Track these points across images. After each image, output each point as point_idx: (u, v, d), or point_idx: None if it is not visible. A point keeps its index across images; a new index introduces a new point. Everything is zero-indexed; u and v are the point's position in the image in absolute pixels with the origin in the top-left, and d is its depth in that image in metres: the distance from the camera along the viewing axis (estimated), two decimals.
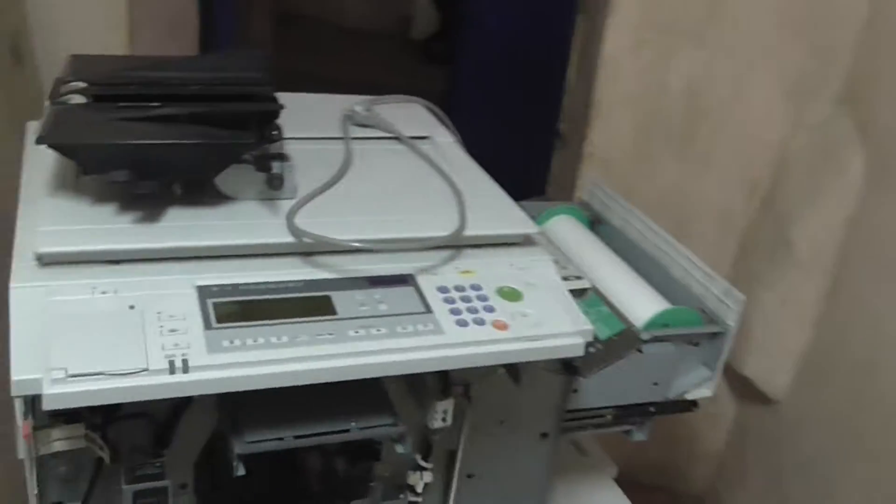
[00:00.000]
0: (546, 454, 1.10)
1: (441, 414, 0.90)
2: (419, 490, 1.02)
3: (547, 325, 0.85)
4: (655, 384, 1.12)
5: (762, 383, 1.62)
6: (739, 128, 1.65)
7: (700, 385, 1.17)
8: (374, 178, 1.03)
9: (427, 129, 1.20)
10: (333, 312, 0.81)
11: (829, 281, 1.47)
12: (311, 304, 0.81)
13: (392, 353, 0.78)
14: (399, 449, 0.90)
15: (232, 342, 0.75)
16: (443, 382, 0.96)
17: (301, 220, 0.87)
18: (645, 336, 1.09)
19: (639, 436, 1.18)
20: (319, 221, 0.87)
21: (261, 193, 0.92)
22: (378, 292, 0.84)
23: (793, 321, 1.53)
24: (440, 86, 3.22)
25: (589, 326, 0.88)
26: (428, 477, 1.02)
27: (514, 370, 0.95)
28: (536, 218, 1.38)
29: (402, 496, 1.03)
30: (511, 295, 0.88)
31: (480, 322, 0.83)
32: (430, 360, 0.79)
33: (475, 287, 0.88)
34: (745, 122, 1.64)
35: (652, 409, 1.15)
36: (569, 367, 1.03)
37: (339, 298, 0.82)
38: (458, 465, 1.03)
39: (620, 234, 1.35)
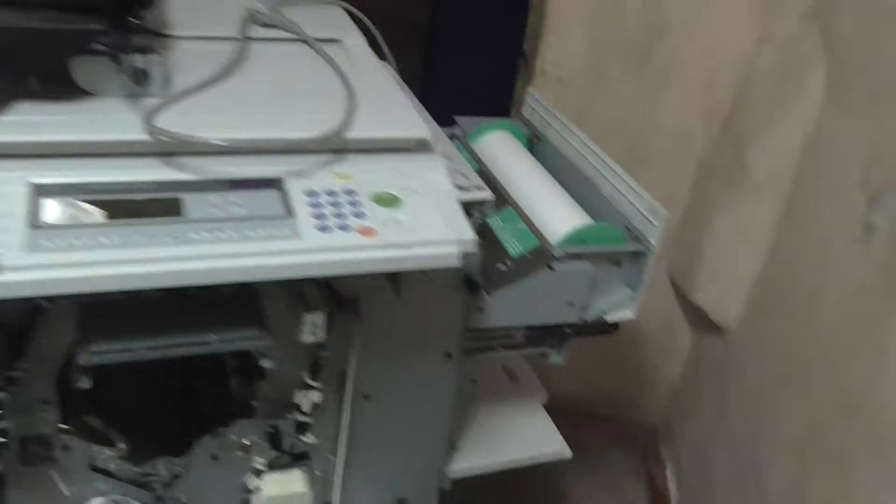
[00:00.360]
0: (451, 376, 1.05)
1: (311, 328, 0.85)
2: (305, 409, 0.97)
3: (420, 232, 0.79)
4: (570, 304, 1.06)
5: (713, 312, 1.56)
6: (700, 45, 1.55)
7: (622, 307, 1.11)
8: (264, 79, 0.95)
9: (339, 32, 1.12)
10: (179, 215, 0.74)
11: (784, 206, 1.39)
12: (155, 206, 0.75)
13: (236, 257, 0.72)
14: (266, 364, 0.85)
15: (56, 242, 0.69)
16: (327, 295, 0.90)
17: (166, 119, 0.80)
18: (558, 253, 1.02)
19: (556, 359, 1.13)
20: (187, 120, 0.80)
21: (126, 90, 0.85)
22: (237, 196, 0.78)
23: (746, 248, 1.46)
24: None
25: (470, 236, 0.82)
26: (316, 396, 0.97)
27: (395, 281, 0.89)
28: (471, 133, 1.31)
29: (288, 416, 0.98)
30: (387, 201, 0.81)
31: (345, 228, 0.77)
32: (281, 267, 0.73)
33: (349, 192, 0.81)
34: (707, 39, 1.54)
35: (568, 330, 1.09)
36: (471, 284, 0.97)
37: (190, 201, 0.76)
38: (349, 385, 0.98)
39: (556, 151, 1.28)
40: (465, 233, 0.81)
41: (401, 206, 0.81)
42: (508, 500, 1.73)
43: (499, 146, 1.27)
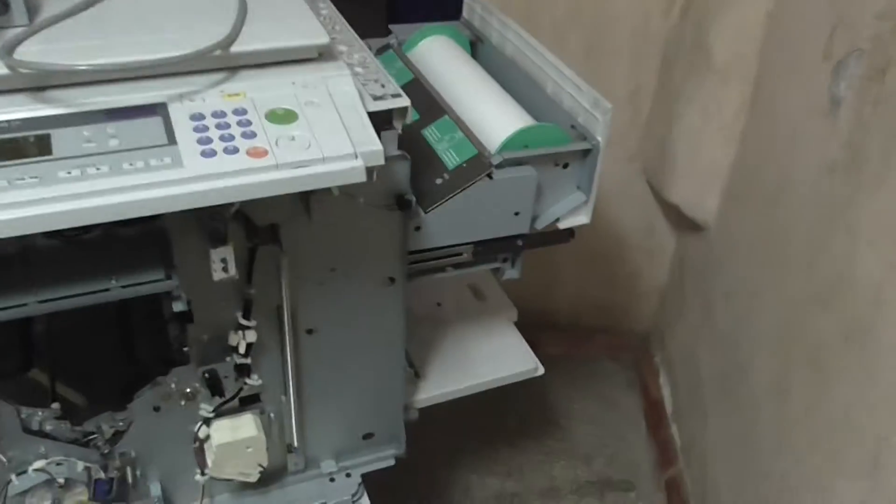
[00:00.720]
0: (396, 301, 0.99)
1: (220, 264, 0.79)
2: (242, 351, 0.92)
3: (318, 148, 0.72)
4: (517, 214, 0.99)
5: (689, 209, 1.49)
6: None
7: (575, 212, 1.04)
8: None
9: None
10: (48, 153, 0.68)
11: (751, 89, 1.31)
12: (21, 146, 0.68)
13: (109, 194, 0.66)
14: (178, 307, 0.79)
15: None
16: (243, 227, 0.84)
17: (30, 50, 0.73)
18: (495, 160, 0.95)
19: (511, 273, 1.07)
20: (54, 49, 0.73)
21: None
22: (114, 126, 0.71)
23: (715, 137, 1.38)
24: None
25: (375, 147, 0.74)
26: (251, 336, 0.92)
27: (306, 205, 0.83)
28: (407, 41, 1.23)
29: (227, 359, 0.93)
30: (282, 117, 0.74)
31: (232, 151, 0.70)
32: (159, 200, 0.66)
33: (239, 111, 0.74)
34: None
35: (519, 242, 1.03)
36: (401, 202, 0.90)
37: (61, 137, 0.69)
38: (287, 321, 0.93)
39: (499, 53, 1.19)
40: (371, 144, 0.74)
41: (297, 122, 0.74)
42: (500, 417, 1.70)
43: (437, 53, 1.19)
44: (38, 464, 0.92)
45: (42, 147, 0.68)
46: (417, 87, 1.10)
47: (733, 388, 1.34)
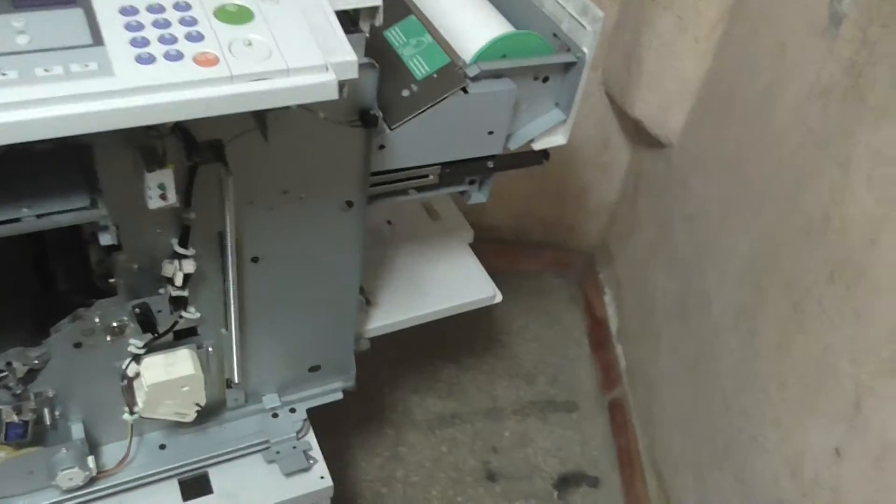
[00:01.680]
0: (354, 227, 0.88)
1: (156, 190, 0.66)
2: (178, 283, 0.80)
3: (280, 57, 0.59)
4: (491, 133, 0.89)
5: (653, 125, 1.40)
6: None
7: (551, 131, 0.94)
8: None
9: None
10: None
11: None
12: None
13: (20, 108, 0.52)
14: (106, 240, 0.67)
15: None
16: (182, 143, 0.71)
17: None
18: (471, 71, 0.84)
19: (478, 197, 0.97)
20: None
21: None
22: (24, 18, 0.57)
23: (689, 47, 1.28)
24: None
25: (350, 56, 0.62)
26: (189, 266, 0.80)
27: (261, 122, 0.71)
28: None
29: (161, 291, 0.82)
30: (235, 16, 0.61)
31: (175, 56, 0.57)
32: (88, 117, 0.53)
33: (181, 6, 0.60)
34: None
35: (490, 164, 0.93)
36: (366, 117, 0.78)
37: None
38: (229, 249, 0.81)
39: None
40: (343, 53, 0.62)
41: (252, 23, 0.61)
42: (441, 332, 1.62)
43: None
44: None
45: None
46: None
47: (690, 314, 1.29)
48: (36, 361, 0.83)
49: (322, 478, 0.98)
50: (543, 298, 1.78)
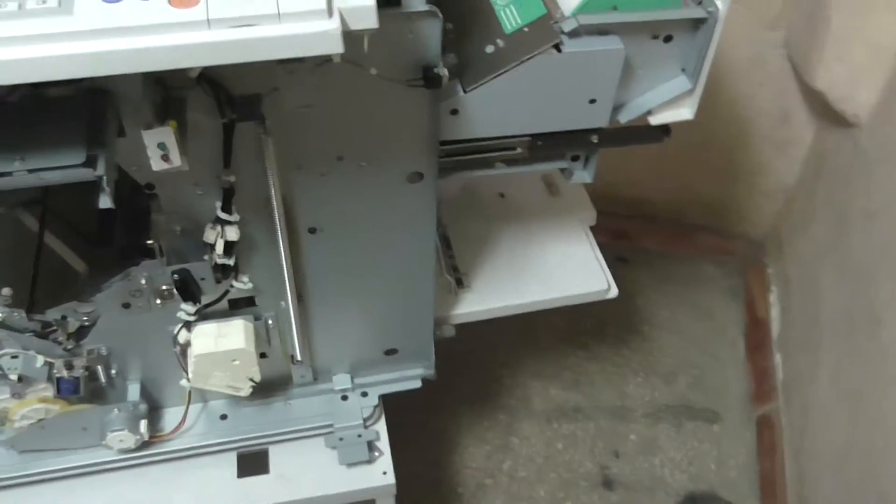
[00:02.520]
0: (424, 201, 0.77)
1: (156, 150, 0.58)
2: (219, 251, 0.73)
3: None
4: (593, 101, 0.74)
5: (838, 99, 1.17)
6: None
7: (674, 102, 0.77)
8: None
9: None
10: None
11: None
12: None
13: None
14: (103, 202, 0.60)
15: None
16: (213, 93, 0.62)
17: None
18: (568, 25, 0.69)
19: (581, 176, 0.82)
20: None
21: None
22: None
23: (888, 10, 1.04)
24: None
25: (367, 2, 0.50)
26: (232, 233, 0.72)
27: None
28: None
29: (205, 257, 0.75)
30: None
31: None
32: (39, 63, 0.46)
33: None
34: None
35: (594, 138, 0.78)
36: (430, 77, 0.66)
37: None
38: (278, 217, 0.73)
39: None
40: None
41: None
42: (575, 313, 1.48)
43: None
44: None
45: None
46: None
47: (858, 332, 1.07)
48: (85, 318, 0.80)
49: (385, 473, 0.90)
50: (696, 288, 1.58)
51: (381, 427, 0.92)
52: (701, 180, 1.53)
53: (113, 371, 0.85)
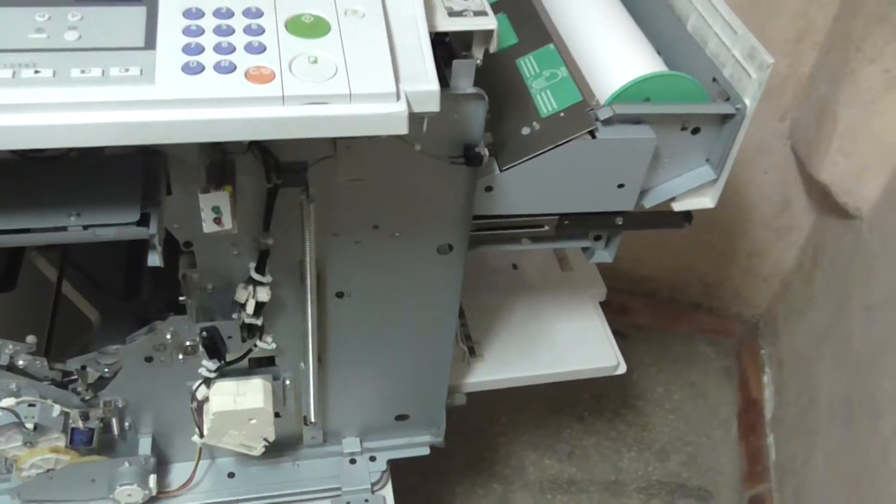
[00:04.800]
0: (452, 272, 0.79)
1: (210, 213, 0.60)
2: (250, 311, 0.74)
3: (344, 79, 0.51)
4: (621, 186, 0.76)
5: (842, 192, 1.21)
6: None
7: (698, 191, 0.80)
8: None
9: None
10: None
11: None
12: None
13: (41, 111, 0.47)
14: (152, 260, 0.61)
15: None
16: (262, 159, 0.64)
17: None
18: (604, 113, 0.72)
19: (602, 256, 0.85)
20: None
21: None
22: (81, 12, 0.52)
23: (894, 107, 1.09)
24: None
25: (432, 87, 0.53)
26: (263, 294, 0.73)
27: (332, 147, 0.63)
28: None
29: (234, 316, 0.76)
30: (309, 28, 0.53)
31: (227, 68, 0.50)
32: (111, 128, 0.47)
33: (252, 13, 0.53)
34: None
35: (619, 220, 0.80)
36: (471, 156, 0.69)
37: (4, 19, 0.51)
38: (310, 280, 0.74)
39: None
40: (423, 81, 0.53)
41: (326, 36, 0.53)
42: (573, 386, 1.49)
43: None
44: (6, 402, 0.78)
45: None
46: (521, 3, 0.87)
47: (857, 421, 1.09)
48: (107, 370, 0.80)
49: None
50: (691, 366, 1.60)
51: (388, 493, 0.92)
52: (701, 260, 1.56)
53: (127, 423, 0.84)
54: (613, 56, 0.79)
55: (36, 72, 0.48)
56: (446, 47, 0.65)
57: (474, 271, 1.06)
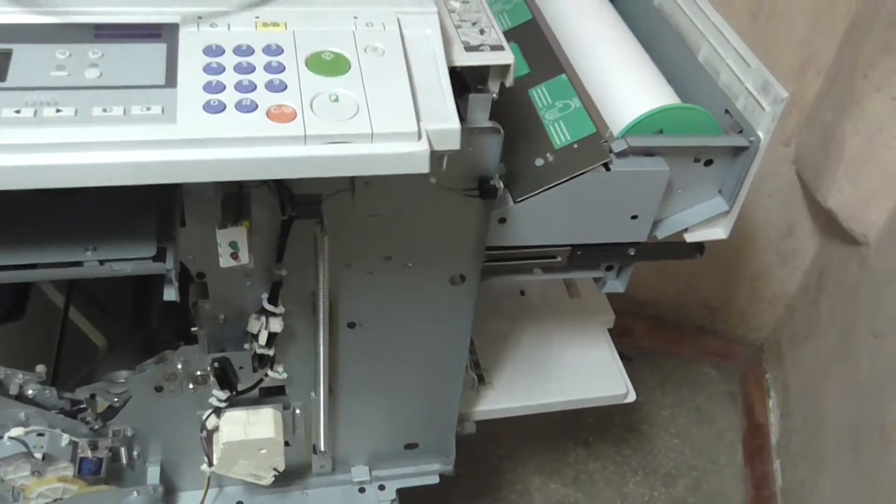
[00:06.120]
0: (464, 302, 0.79)
1: (227, 248, 0.59)
2: (262, 342, 0.73)
3: (366, 118, 0.51)
4: (634, 217, 0.76)
5: (848, 219, 1.21)
6: None
7: (710, 222, 0.80)
8: None
9: None
10: (1, 78, 0.49)
11: None
12: None
13: (63, 150, 0.47)
14: (168, 294, 0.61)
15: None
16: (277, 192, 0.64)
17: None
18: (617, 146, 0.72)
19: (614, 286, 0.84)
20: None
21: None
22: (101, 49, 0.52)
23: None
24: None
25: (453, 125, 0.53)
26: (276, 325, 0.73)
27: (350, 183, 0.63)
28: None
29: (245, 346, 0.75)
30: (329, 65, 0.53)
31: (248, 107, 0.50)
32: (133, 168, 0.47)
33: (272, 50, 0.53)
34: None
35: (632, 251, 0.80)
36: (486, 189, 0.69)
37: (25, 57, 0.50)
38: (323, 311, 0.74)
39: (645, 1, 0.93)
40: (445, 120, 0.53)
41: (347, 74, 0.53)
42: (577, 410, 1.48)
43: None
44: (15, 432, 0.77)
45: None
46: (534, 32, 0.87)
47: (865, 449, 1.09)
48: (116, 399, 0.80)
49: None
50: (696, 391, 1.59)
51: None
52: (705, 283, 1.56)
53: (135, 452, 0.84)
54: (626, 87, 0.80)
55: (58, 110, 0.48)
56: (457, 76, 0.65)
57: (481, 297, 1.06)
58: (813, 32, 1.23)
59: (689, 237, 0.80)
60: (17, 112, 0.47)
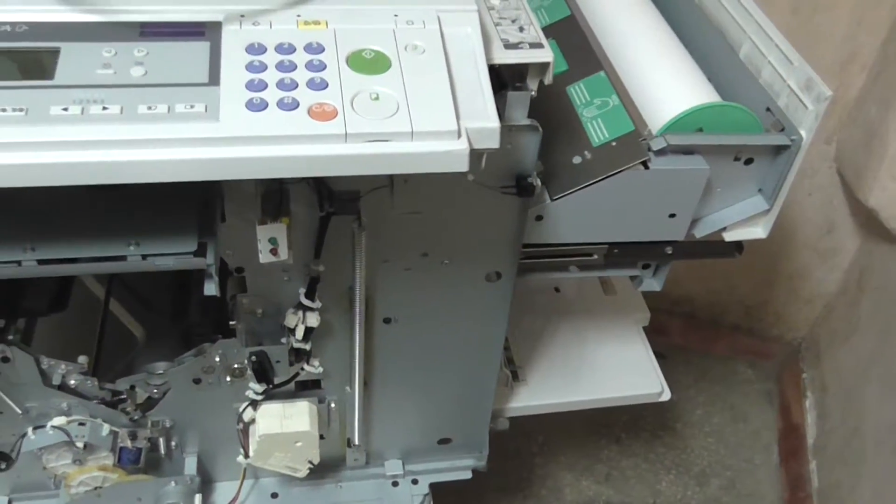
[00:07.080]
0: (500, 299, 0.79)
1: (266, 244, 0.60)
2: (299, 336, 0.74)
3: (406, 116, 0.51)
4: (672, 216, 0.76)
5: (890, 218, 1.19)
6: None
7: (749, 221, 0.79)
8: None
9: None
10: (47, 76, 0.50)
11: None
12: (17, 62, 0.51)
13: (110, 148, 0.47)
14: (208, 289, 0.61)
15: None
16: (316, 189, 0.64)
17: None
18: (656, 144, 0.71)
19: (650, 284, 0.84)
20: None
21: None
22: (146, 48, 0.52)
23: None
24: None
25: (492, 124, 0.53)
26: (312, 320, 0.74)
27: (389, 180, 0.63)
28: None
29: (283, 340, 0.76)
30: (370, 64, 0.53)
31: (290, 105, 0.50)
32: (177, 165, 0.48)
33: (313, 48, 0.54)
34: None
35: (669, 250, 0.79)
36: (523, 186, 0.69)
37: (72, 55, 0.51)
38: (359, 306, 0.75)
39: None
40: (484, 118, 0.53)
41: (388, 73, 0.53)
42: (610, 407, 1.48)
43: None
44: (58, 421, 0.79)
45: (44, 66, 0.51)
46: (572, 29, 0.86)
47: None
48: (155, 391, 0.81)
49: None
50: (731, 390, 1.58)
51: None
52: (742, 281, 1.55)
53: (173, 443, 0.85)
54: (665, 85, 0.79)
55: (104, 108, 0.48)
56: (495, 73, 0.65)
57: (516, 294, 1.06)
58: (857, 27, 1.21)
59: (728, 236, 0.79)
60: (65, 109, 0.48)
